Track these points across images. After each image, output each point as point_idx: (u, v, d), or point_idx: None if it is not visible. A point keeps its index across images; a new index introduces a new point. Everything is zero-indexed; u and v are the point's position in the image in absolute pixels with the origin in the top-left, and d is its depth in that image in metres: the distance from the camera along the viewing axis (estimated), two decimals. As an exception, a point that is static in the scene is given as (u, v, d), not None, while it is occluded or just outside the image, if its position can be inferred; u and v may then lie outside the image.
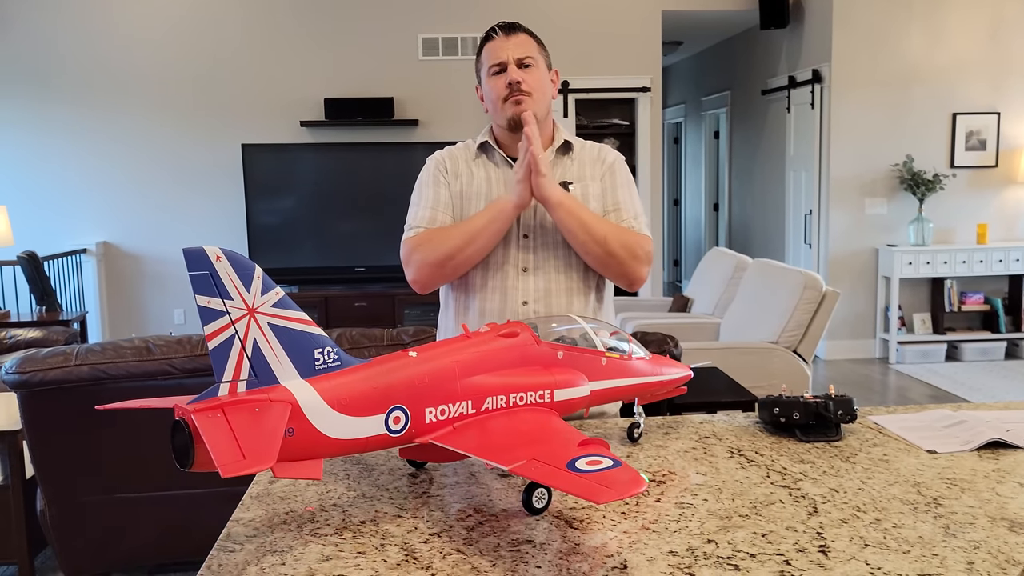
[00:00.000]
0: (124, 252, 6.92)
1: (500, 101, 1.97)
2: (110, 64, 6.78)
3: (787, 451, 1.58)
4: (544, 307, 1.96)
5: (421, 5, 6.93)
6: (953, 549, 1.16)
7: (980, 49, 6.81)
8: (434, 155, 2.11)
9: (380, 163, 6.70)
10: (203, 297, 1.12)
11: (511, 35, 1.98)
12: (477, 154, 2.06)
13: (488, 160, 2.05)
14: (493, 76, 1.97)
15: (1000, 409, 1.85)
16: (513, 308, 1.96)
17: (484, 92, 2.02)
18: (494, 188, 2.01)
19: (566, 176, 2.02)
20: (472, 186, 2.02)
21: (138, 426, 2.63)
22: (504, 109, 1.97)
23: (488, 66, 1.98)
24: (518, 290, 1.96)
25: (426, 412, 1.28)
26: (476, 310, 1.99)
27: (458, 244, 1.91)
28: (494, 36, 1.99)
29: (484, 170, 2.04)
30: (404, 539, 1.21)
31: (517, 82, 1.94)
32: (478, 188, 2.02)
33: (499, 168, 2.03)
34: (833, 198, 6.88)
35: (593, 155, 2.07)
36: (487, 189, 2.01)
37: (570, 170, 2.03)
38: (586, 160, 2.05)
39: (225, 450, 1.02)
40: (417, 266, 1.96)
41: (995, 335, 6.87)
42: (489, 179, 2.02)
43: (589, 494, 1.07)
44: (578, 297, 1.99)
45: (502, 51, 1.96)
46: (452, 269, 1.95)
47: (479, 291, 1.99)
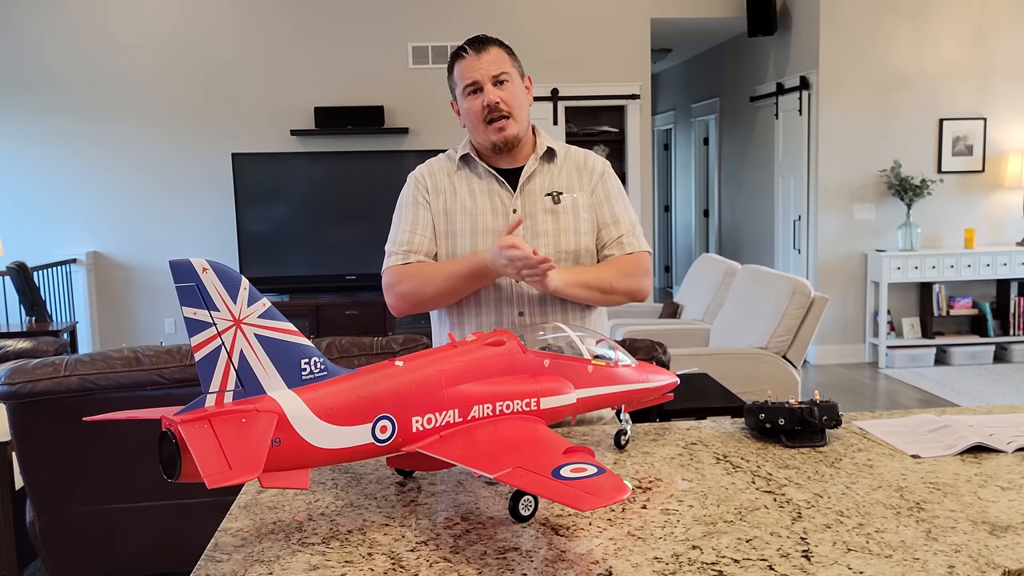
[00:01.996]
0: (114, 262, 6.91)
1: (480, 123, 1.95)
2: (100, 73, 6.77)
3: (772, 457, 1.59)
4: (540, 317, 1.96)
5: (411, 14, 6.95)
6: (935, 553, 1.18)
7: (966, 55, 6.86)
8: (414, 173, 2.09)
9: (371, 171, 6.70)
10: (190, 309, 1.13)
11: (482, 52, 1.95)
12: (459, 166, 2.04)
13: (471, 172, 2.04)
14: (469, 96, 1.95)
15: (983, 413, 1.87)
16: (509, 320, 1.96)
17: (461, 110, 2.00)
18: (478, 201, 2.00)
19: (554, 186, 2.01)
20: (456, 202, 2.00)
21: (128, 436, 2.62)
22: (487, 133, 1.96)
23: (463, 86, 1.95)
24: (513, 302, 1.96)
25: (413, 421, 1.29)
26: (472, 324, 1.98)
27: (436, 293, 1.95)
28: (464, 55, 1.95)
29: (467, 183, 2.02)
30: (391, 548, 1.22)
31: (496, 103, 1.93)
32: (462, 203, 2.00)
33: (482, 180, 2.02)
34: (822, 204, 6.91)
35: (579, 162, 2.06)
36: (471, 204, 2.00)
37: (557, 179, 2.02)
38: (572, 168, 2.05)
39: (211, 461, 1.03)
40: (396, 299, 2.00)
41: (983, 339, 6.91)
42: (473, 192, 2.01)
43: (573, 501, 1.08)
44: (572, 304, 1.99)
45: (474, 70, 1.94)
46: (430, 308, 2.03)
47: (474, 305, 1.98)
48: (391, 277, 2.00)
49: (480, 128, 1.96)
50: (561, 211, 1.98)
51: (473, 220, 1.98)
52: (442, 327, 2.07)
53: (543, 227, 1.97)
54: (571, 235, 1.97)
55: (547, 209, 1.98)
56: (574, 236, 1.98)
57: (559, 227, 1.97)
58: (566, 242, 1.97)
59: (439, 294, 1.95)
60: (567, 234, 1.97)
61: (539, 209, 1.98)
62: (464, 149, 2.05)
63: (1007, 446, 1.61)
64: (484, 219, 1.98)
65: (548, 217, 1.97)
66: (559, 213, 1.98)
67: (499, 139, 1.96)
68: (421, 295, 1.96)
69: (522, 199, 1.99)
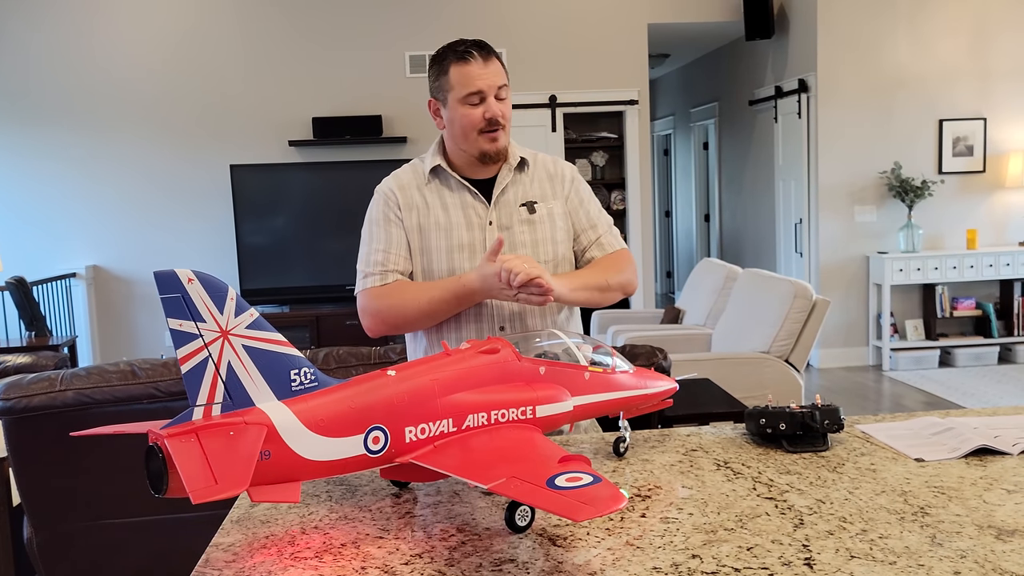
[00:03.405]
0: (114, 275, 6.90)
1: (474, 131, 1.90)
2: (98, 86, 6.77)
3: (774, 462, 1.57)
4: (521, 328, 1.93)
5: (407, 23, 6.95)
6: (940, 559, 1.15)
7: (964, 55, 6.85)
8: (381, 187, 2.02)
9: (369, 181, 6.58)
10: (175, 320, 1.11)
11: (489, 61, 1.89)
12: (429, 179, 1.98)
13: (442, 185, 1.98)
14: (468, 104, 1.88)
15: (988, 415, 1.84)
16: (491, 333, 1.93)
17: (451, 116, 1.91)
18: (452, 216, 1.95)
19: (528, 195, 1.98)
20: (430, 218, 1.95)
21: (125, 451, 2.60)
22: (477, 141, 1.91)
23: (464, 92, 1.87)
24: (493, 316, 1.93)
25: (406, 431, 1.26)
26: (452, 337, 1.93)
27: (417, 316, 1.90)
28: (470, 60, 1.88)
29: (439, 196, 1.97)
30: (385, 561, 1.20)
31: (497, 117, 1.89)
32: (436, 219, 1.95)
33: (454, 192, 1.97)
34: (823, 206, 6.89)
35: (549, 170, 2.03)
36: (446, 219, 1.95)
37: (530, 188, 1.99)
38: (544, 176, 2.01)
39: (197, 475, 1.01)
40: (374, 321, 1.94)
41: (988, 340, 6.87)
42: (446, 206, 1.96)
43: (568, 512, 1.05)
44: (551, 315, 1.97)
45: (481, 79, 1.87)
46: (409, 331, 1.99)
47: (453, 320, 1.93)
48: (368, 299, 1.94)
49: (472, 137, 1.91)
50: (537, 221, 1.96)
51: (448, 235, 1.94)
52: (417, 345, 2.02)
53: (520, 238, 1.94)
54: (548, 244, 1.96)
55: (523, 220, 1.95)
56: (552, 245, 1.96)
57: (536, 237, 1.95)
58: (544, 252, 1.95)
59: (420, 317, 1.91)
60: (545, 244, 1.95)
61: (515, 220, 1.95)
62: (434, 160, 1.98)
63: (1012, 448, 1.58)
64: (460, 234, 1.94)
65: (525, 228, 1.95)
66: (535, 223, 1.95)
67: (492, 149, 1.92)
68: (401, 318, 1.92)
69: (497, 211, 1.96)
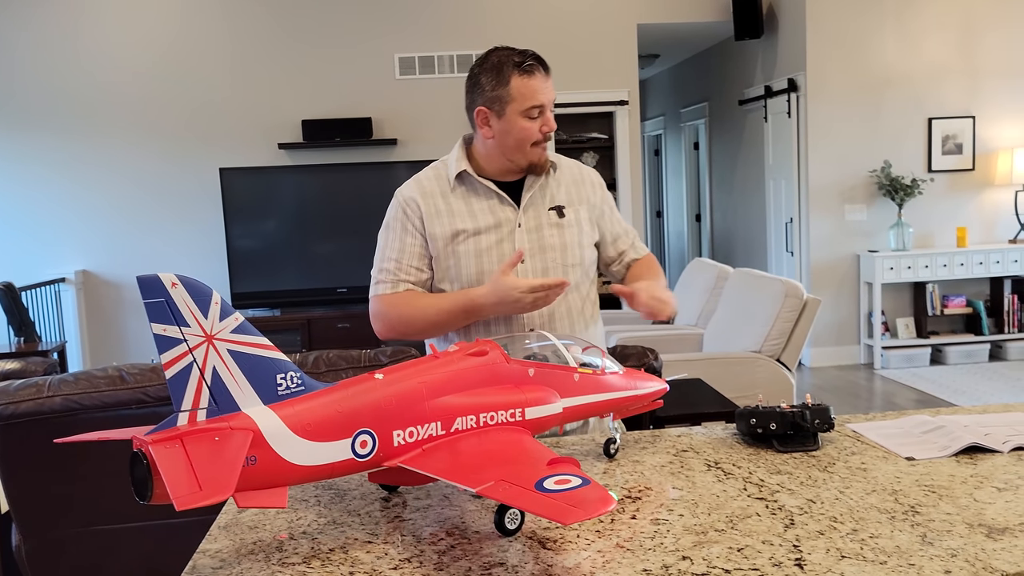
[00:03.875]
0: (103, 280, 6.86)
1: (528, 144, 1.90)
2: (86, 90, 6.74)
3: (765, 462, 1.56)
4: (550, 330, 1.90)
5: (397, 25, 6.93)
6: (930, 558, 1.15)
7: (953, 54, 6.87)
8: (402, 193, 2.00)
9: (360, 183, 6.68)
10: (159, 325, 1.10)
11: (547, 76, 1.89)
12: (455, 184, 1.97)
13: (468, 189, 1.97)
14: (528, 118, 1.87)
15: (978, 413, 1.84)
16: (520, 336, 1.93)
17: (506, 127, 1.89)
18: (480, 221, 1.95)
19: (556, 199, 1.99)
20: (456, 224, 1.93)
21: (114, 457, 2.58)
22: (530, 153, 1.92)
23: (527, 106, 1.86)
24: (523, 318, 1.92)
25: (394, 435, 1.25)
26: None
27: (425, 327, 1.94)
28: (534, 72, 1.87)
29: (465, 201, 1.95)
30: (373, 566, 1.19)
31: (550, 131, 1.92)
32: (463, 224, 1.93)
33: (481, 197, 1.96)
34: (813, 205, 6.91)
35: (575, 175, 2.05)
36: (473, 223, 1.94)
37: (558, 192, 2.00)
38: (570, 180, 2.03)
39: (180, 482, 1.00)
40: (384, 328, 1.97)
41: (978, 337, 6.89)
42: (473, 212, 1.95)
43: (556, 515, 1.05)
44: (579, 317, 1.99)
45: (542, 93, 1.88)
46: (418, 339, 2.01)
47: (483, 324, 1.93)
48: (380, 306, 1.96)
49: (526, 149, 1.91)
50: (566, 225, 1.97)
51: (477, 240, 1.94)
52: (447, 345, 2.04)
53: (550, 241, 1.95)
54: (576, 248, 1.98)
55: (552, 223, 1.96)
56: (579, 249, 1.98)
57: (565, 240, 1.96)
58: (572, 255, 1.97)
59: (428, 327, 1.94)
60: (573, 247, 1.97)
61: (544, 223, 1.96)
62: (459, 165, 1.96)
63: (1003, 446, 1.58)
64: (488, 238, 1.94)
65: (554, 231, 1.96)
66: (564, 227, 1.97)
67: (541, 159, 1.94)
68: (410, 327, 1.95)
69: (527, 214, 1.96)
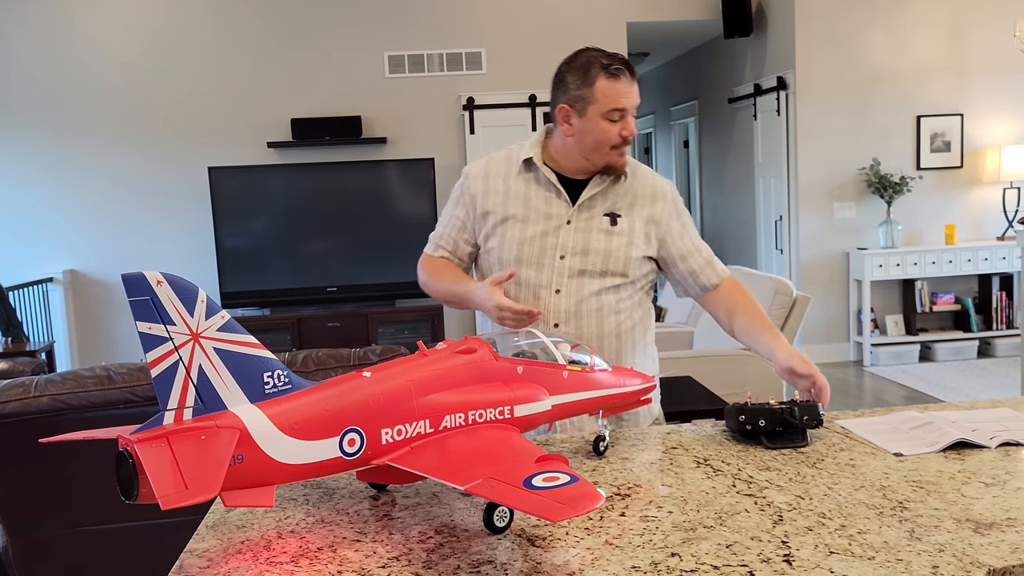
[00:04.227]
0: (92, 280, 6.83)
1: (607, 146, 1.91)
2: (73, 89, 6.70)
3: (754, 459, 1.56)
4: (575, 328, 1.95)
5: (386, 23, 6.92)
6: (918, 553, 1.15)
7: (941, 52, 6.89)
8: (469, 167, 2.08)
9: (349, 182, 6.66)
10: (144, 323, 1.09)
11: (633, 81, 1.91)
12: (521, 169, 2.00)
13: (531, 177, 2.00)
14: (609, 121, 1.89)
15: (966, 409, 1.85)
16: (544, 330, 1.93)
17: (586, 127, 1.90)
18: (532, 209, 1.98)
19: (615, 206, 1.99)
20: (509, 207, 1.98)
21: (101, 457, 2.56)
22: (608, 155, 1.93)
23: (609, 108, 1.88)
24: (550, 312, 1.94)
25: (382, 433, 1.25)
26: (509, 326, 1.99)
27: (437, 295, 2.10)
28: (621, 76, 1.88)
29: (524, 186, 1.99)
30: (362, 564, 1.18)
31: (630, 136, 1.92)
32: (515, 209, 1.98)
33: (540, 187, 1.99)
34: (802, 203, 6.92)
35: (647, 189, 2.03)
36: (524, 210, 1.97)
37: (620, 200, 1.99)
38: (639, 191, 2.01)
39: (166, 481, 0.99)
40: (420, 281, 2.14)
41: (967, 334, 6.92)
42: (528, 198, 1.98)
43: (544, 512, 1.05)
44: (609, 318, 1.97)
45: (626, 98, 1.89)
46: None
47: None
48: (420, 263, 2.13)
49: (603, 151, 1.92)
50: (616, 233, 1.97)
51: (524, 227, 1.97)
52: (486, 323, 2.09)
53: (596, 244, 1.96)
54: (620, 258, 1.97)
55: (602, 228, 1.96)
56: (623, 260, 1.97)
57: (610, 247, 1.96)
58: (614, 262, 1.96)
59: (440, 298, 2.11)
60: (617, 255, 1.96)
61: (595, 226, 1.97)
62: (530, 152, 2.00)
63: (990, 441, 1.59)
64: (535, 227, 1.97)
65: (602, 236, 1.96)
66: (613, 234, 1.97)
67: (619, 163, 1.95)
68: (430, 292, 2.12)
69: (580, 214, 1.97)
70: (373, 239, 6.57)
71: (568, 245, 1.95)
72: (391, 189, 6.66)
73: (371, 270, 6.57)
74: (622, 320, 1.99)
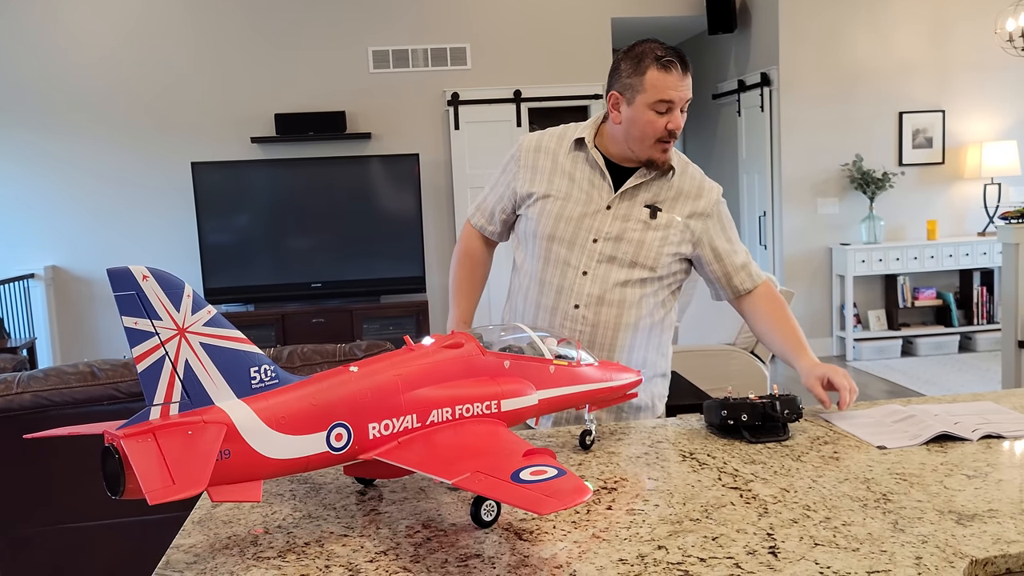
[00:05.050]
0: (74, 276, 6.78)
1: (652, 139, 1.91)
2: (54, 83, 6.65)
3: (739, 452, 1.57)
4: (594, 314, 1.95)
5: (370, 18, 6.89)
6: (902, 544, 1.16)
7: (923, 49, 6.94)
8: (524, 138, 2.10)
9: (333, 177, 6.63)
10: (130, 318, 1.08)
11: (685, 75, 1.89)
12: (571, 148, 2.02)
13: (580, 157, 2.01)
14: (655, 112, 1.88)
15: (948, 402, 1.86)
16: (565, 308, 1.97)
17: (633, 116, 1.90)
18: (575, 189, 1.99)
19: (657, 199, 1.98)
20: (553, 183, 2.00)
21: (85, 454, 2.55)
22: (650, 149, 1.92)
23: (656, 99, 1.87)
24: (572, 292, 1.96)
25: (369, 428, 1.25)
26: (532, 301, 2.02)
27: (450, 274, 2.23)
28: (671, 69, 1.87)
29: (572, 165, 2.01)
30: (349, 559, 1.18)
31: (676, 130, 1.91)
32: (559, 186, 2.00)
33: (587, 168, 2.00)
34: (786, 199, 6.95)
35: (694, 188, 2.02)
36: (567, 188, 1.99)
37: (662, 193, 1.99)
38: (684, 189, 2.01)
39: (153, 476, 0.99)
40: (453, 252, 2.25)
41: (948, 329, 6.98)
42: (574, 177, 2.00)
43: (532, 505, 1.05)
44: (630, 310, 1.97)
45: (676, 90, 1.87)
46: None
47: (538, 284, 2.01)
48: (460, 237, 2.23)
49: (647, 143, 1.92)
50: (653, 226, 1.97)
51: (564, 205, 1.98)
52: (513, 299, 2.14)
53: (631, 235, 1.95)
54: (653, 251, 1.96)
55: (641, 219, 1.96)
56: (655, 254, 1.97)
57: (645, 239, 1.96)
58: (645, 256, 1.96)
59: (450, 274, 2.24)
60: (650, 248, 1.96)
61: (634, 216, 1.97)
62: (583, 132, 2.01)
63: (972, 434, 1.60)
64: (574, 207, 1.98)
65: (639, 226, 1.96)
66: (651, 227, 1.96)
67: (661, 159, 1.95)
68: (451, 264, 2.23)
69: (621, 201, 1.97)
70: (357, 235, 6.55)
71: (603, 230, 1.95)
72: (375, 185, 6.64)
73: (356, 266, 6.55)
74: (642, 316, 1.99)
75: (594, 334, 1.96)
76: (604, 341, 1.96)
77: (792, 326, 2.00)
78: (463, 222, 2.30)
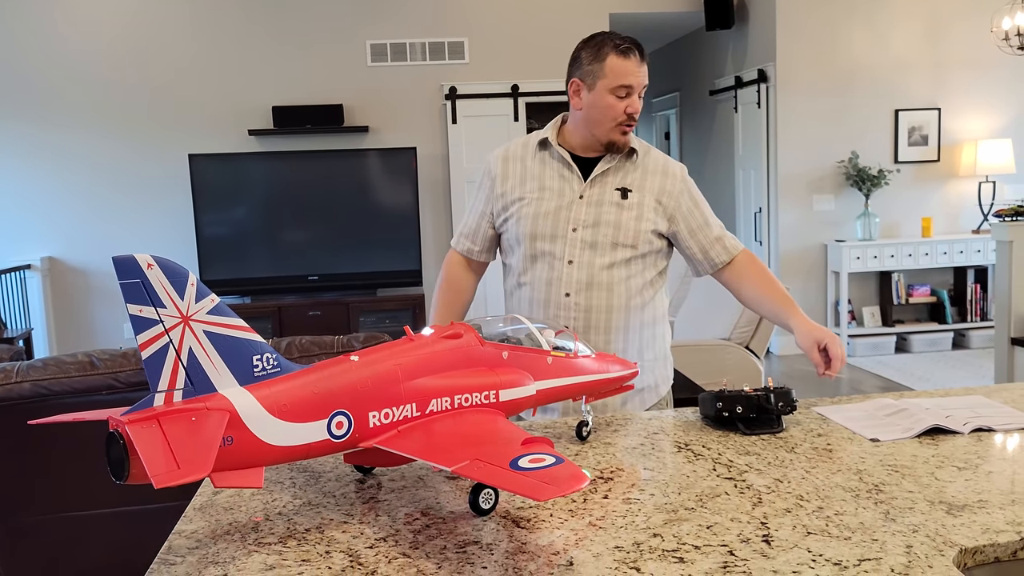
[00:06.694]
0: (70, 267, 6.78)
1: (612, 122, 1.99)
2: (52, 75, 6.64)
3: (733, 444, 1.60)
4: (585, 299, 2.01)
5: (368, 11, 6.89)
6: (893, 533, 1.18)
7: (919, 46, 6.96)
8: (491, 153, 2.17)
9: (331, 170, 6.64)
10: (135, 306, 1.10)
11: (643, 62, 1.99)
12: (536, 150, 2.10)
13: (546, 156, 2.09)
14: (615, 96, 1.97)
15: (940, 396, 1.89)
16: (556, 299, 2.03)
17: (593, 101, 1.99)
18: (547, 184, 2.06)
19: (625, 182, 2.05)
20: (524, 188, 2.07)
21: (84, 442, 2.57)
22: (611, 132, 2.00)
23: (616, 84, 1.96)
24: (562, 281, 2.02)
25: (369, 416, 1.27)
26: (525, 298, 2.08)
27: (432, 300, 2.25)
28: (630, 56, 1.97)
29: (540, 167, 2.09)
30: (349, 545, 1.20)
31: (635, 114, 1.99)
32: (531, 189, 2.07)
33: (555, 163, 2.07)
34: (782, 195, 6.98)
35: (658, 166, 2.09)
36: (539, 186, 2.06)
37: (629, 175, 2.06)
38: (649, 168, 2.08)
39: (158, 460, 1.00)
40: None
41: (942, 326, 7.01)
42: (543, 176, 2.07)
43: (531, 492, 1.07)
44: (619, 291, 2.03)
45: (634, 76, 1.97)
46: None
47: (529, 280, 2.06)
48: (444, 262, 2.26)
49: (607, 126, 2.00)
50: (626, 207, 2.03)
51: (538, 203, 2.05)
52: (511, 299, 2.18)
53: (607, 217, 2.03)
54: (631, 229, 2.03)
55: (614, 202, 2.03)
56: (633, 232, 2.03)
57: (621, 219, 2.03)
58: (624, 235, 2.03)
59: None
60: (627, 227, 2.03)
61: (606, 201, 2.04)
62: (545, 134, 2.10)
63: (963, 427, 1.63)
64: (548, 203, 2.05)
65: (613, 208, 2.03)
66: (624, 207, 2.03)
67: (621, 141, 2.03)
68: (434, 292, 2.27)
69: (592, 188, 2.04)
70: (354, 228, 6.56)
71: (580, 218, 2.02)
72: (373, 178, 6.65)
73: (352, 259, 6.57)
74: (632, 296, 2.05)
75: (588, 319, 2.02)
76: (599, 324, 2.02)
77: (778, 288, 2.07)
78: (460, 216, 2.33)
